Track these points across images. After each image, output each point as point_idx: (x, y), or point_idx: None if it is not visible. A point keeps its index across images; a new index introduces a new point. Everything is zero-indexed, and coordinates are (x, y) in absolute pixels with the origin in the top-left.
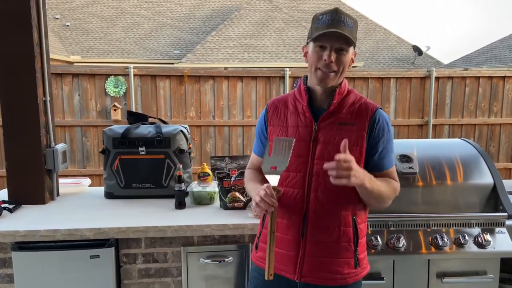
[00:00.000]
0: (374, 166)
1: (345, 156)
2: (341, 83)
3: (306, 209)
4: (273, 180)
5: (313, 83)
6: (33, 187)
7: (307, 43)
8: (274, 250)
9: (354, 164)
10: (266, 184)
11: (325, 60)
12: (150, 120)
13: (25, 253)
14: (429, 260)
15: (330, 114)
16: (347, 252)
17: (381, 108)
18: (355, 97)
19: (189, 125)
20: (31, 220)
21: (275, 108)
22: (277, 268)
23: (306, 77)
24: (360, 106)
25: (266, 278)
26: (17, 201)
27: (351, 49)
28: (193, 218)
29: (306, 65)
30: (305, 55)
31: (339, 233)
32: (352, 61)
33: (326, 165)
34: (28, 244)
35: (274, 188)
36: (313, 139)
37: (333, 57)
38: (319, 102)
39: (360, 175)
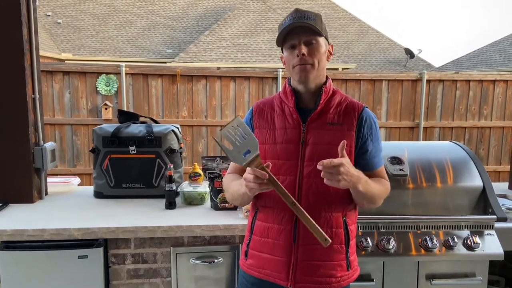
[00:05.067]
0: (365, 165)
1: (332, 161)
2: (325, 82)
3: None
4: None
5: (296, 83)
6: (21, 185)
7: (282, 51)
8: (306, 221)
9: (345, 168)
10: (251, 169)
11: (297, 55)
12: (141, 119)
13: (12, 253)
14: (418, 262)
15: (318, 115)
16: (339, 254)
17: (366, 107)
18: (340, 97)
19: (181, 125)
20: (18, 219)
21: (261, 111)
22: (270, 275)
23: (290, 79)
24: (347, 106)
25: (324, 245)
26: (4, 199)
27: (321, 40)
28: (183, 218)
29: None
30: (284, 63)
31: (330, 235)
32: (330, 53)
33: (318, 166)
34: (15, 244)
35: (260, 168)
36: (302, 141)
37: (304, 50)
38: (306, 103)
39: (352, 179)
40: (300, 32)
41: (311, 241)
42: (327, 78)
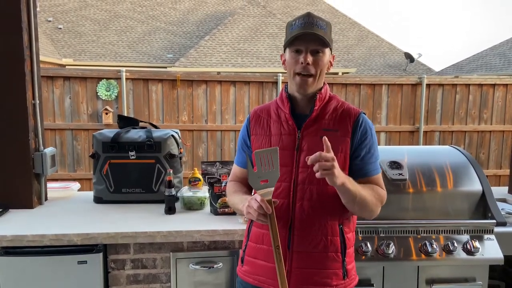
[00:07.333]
0: (358, 170)
1: (327, 154)
2: (321, 88)
3: (292, 220)
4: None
5: (293, 90)
6: (20, 191)
7: (284, 50)
8: (279, 268)
9: (335, 163)
10: (260, 198)
11: (301, 63)
12: (141, 124)
13: (12, 258)
14: (418, 266)
15: (313, 121)
16: (335, 263)
17: (364, 113)
18: (337, 102)
19: (181, 130)
20: (18, 224)
21: (258, 118)
22: (264, 282)
23: (287, 84)
24: (342, 112)
25: None
26: (4, 205)
27: (327, 51)
28: (183, 223)
29: None
30: (283, 62)
31: (326, 243)
32: (331, 64)
33: (310, 158)
34: (14, 249)
35: (268, 201)
36: (297, 147)
37: (309, 59)
38: (301, 109)
39: (341, 175)
40: (309, 39)
41: (305, 248)
42: (323, 83)
